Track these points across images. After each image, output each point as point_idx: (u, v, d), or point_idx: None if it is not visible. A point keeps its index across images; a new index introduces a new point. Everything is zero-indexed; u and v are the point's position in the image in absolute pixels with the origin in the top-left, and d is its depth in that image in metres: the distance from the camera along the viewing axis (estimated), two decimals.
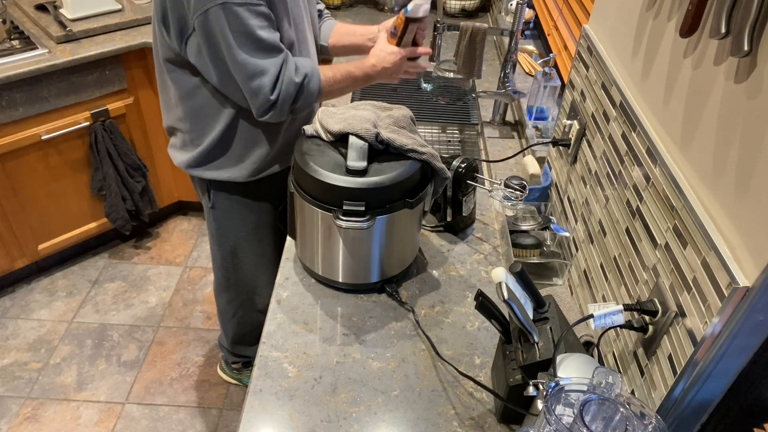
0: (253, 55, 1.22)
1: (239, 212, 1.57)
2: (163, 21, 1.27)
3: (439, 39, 1.75)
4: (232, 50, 1.21)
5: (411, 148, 1.15)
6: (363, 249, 1.19)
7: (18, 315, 2.37)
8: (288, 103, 1.29)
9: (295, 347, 1.14)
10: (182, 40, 1.26)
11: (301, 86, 1.29)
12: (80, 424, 2.01)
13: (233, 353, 1.98)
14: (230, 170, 1.46)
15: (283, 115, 1.31)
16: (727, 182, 0.77)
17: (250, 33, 1.20)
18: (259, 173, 1.49)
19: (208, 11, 1.17)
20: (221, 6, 1.17)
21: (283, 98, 1.27)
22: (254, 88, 1.25)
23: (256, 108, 1.29)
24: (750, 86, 0.73)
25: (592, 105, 1.25)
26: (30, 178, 2.20)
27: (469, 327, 1.20)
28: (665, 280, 0.88)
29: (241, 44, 1.21)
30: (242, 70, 1.23)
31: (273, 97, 1.26)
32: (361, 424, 1.01)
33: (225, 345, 1.96)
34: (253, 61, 1.23)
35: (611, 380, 0.72)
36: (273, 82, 1.25)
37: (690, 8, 0.82)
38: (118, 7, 2.31)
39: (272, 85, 1.25)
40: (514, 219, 1.41)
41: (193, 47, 1.26)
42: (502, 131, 1.86)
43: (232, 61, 1.23)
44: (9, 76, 1.93)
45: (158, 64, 1.39)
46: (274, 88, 1.26)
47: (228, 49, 1.21)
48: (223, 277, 1.72)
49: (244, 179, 1.48)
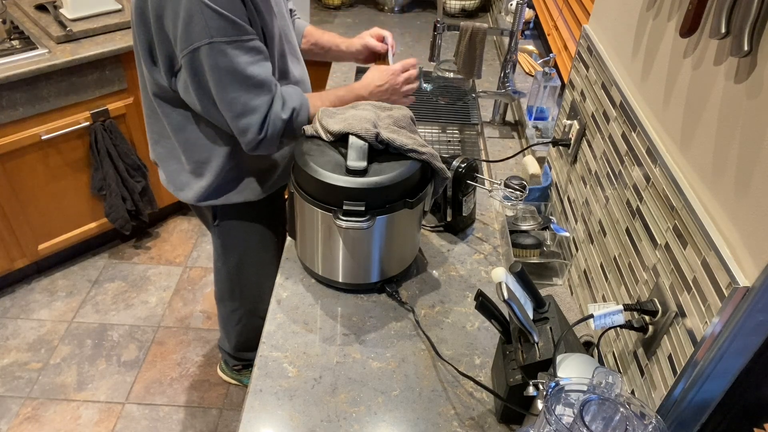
0: (241, 93, 1.20)
1: (244, 227, 1.55)
2: (150, 56, 1.24)
3: (439, 39, 1.75)
4: (220, 88, 1.19)
5: (411, 148, 1.15)
6: (363, 249, 1.19)
7: (18, 315, 2.37)
8: (276, 137, 1.27)
9: (295, 347, 1.14)
10: (171, 74, 1.24)
11: (289, 121, 1.27)
12: (80, 424, 2.01)
13: (235, 357, 1.98)
14: (242, 193, 1.45)
15: (273, 149, 1.30)
16: (727, 182, 0.77)
17: (239, 71, 1.17)
18: (270, 189, 1.48)
19: (196, 50, 1.14)
20: (209, 45, 1.13)
21: (271, 134, 1.25)
22: (243, 126, 1.23)
23: (245, 144, 1.27)
24: (750, 86, 0.73)
25: (592, 105, 1.25)
26: (30, 178, 2.20)
27: (469, 327, 1.20)
28: (665, 280, 0.88)
29: (230, 82, 1.18)
30: (231, 108, 1.21)
31: (261, 135, 1.25)
32: (361, 424, 1.01)
33: (226, 349, 1.95)
34: (242, 99, 1.20)
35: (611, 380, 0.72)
36: (261, 120, 1.23)
37: (690, 8, 0.82)
38: (118, 7, 2.31)
39: (260, 123, 1.23)
40: (514, 219, 1.41)
41: (181, 82, 1.24)
42: (502, 131, 1.86)
43: (220, 99, 1.21)
44: (9, 76, 1.93)
45: (146, 98, 1.36)
46: (262, 127, 1.24)
47: (216, 87, 1.19)
48: (227, 289, 1.71)
49: (257, 198, 1.46)
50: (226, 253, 1.61)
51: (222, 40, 1.14)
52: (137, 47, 1.25)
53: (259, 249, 1.61)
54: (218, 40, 1.13)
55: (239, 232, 1.56)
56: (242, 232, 1.56)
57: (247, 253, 1.61)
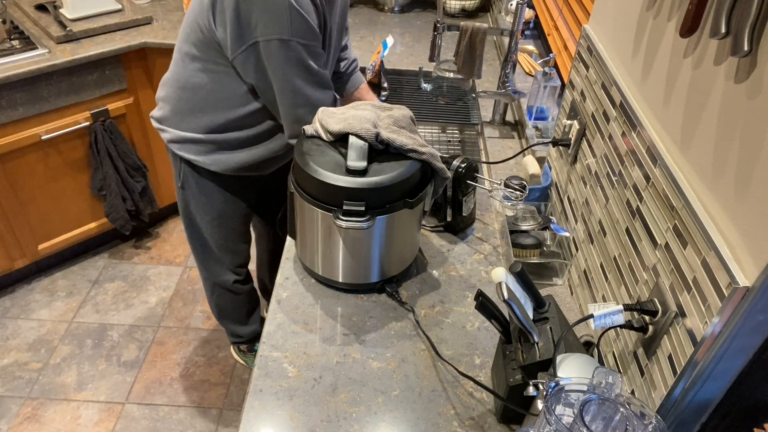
0: (307, 86, 1.30)
1: (205, 197, 1.61)
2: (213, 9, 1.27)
3: (439, 39, 1.75)
4: (286, 79, 1.28)
5: (411, 148, 1.15)
6: (363, 249, 1.19)
7: (18, 315, 2.37)
8: None
9: (295, 347, 1.14)
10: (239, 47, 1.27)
11: None
12: (80, 424, 2.01)
13: (227, 332, 2.06)
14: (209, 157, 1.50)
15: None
16: (727, 182, 0.77)
17: (308, 66, 1.28)
18: (237, 171, 1.53)
19: (270, 41, 1.23)
20: (284, 41, 1.22)
21: None
22: (299, 115, 1.33)
23: (291, 131, 1.37)
24: (750, 86, 0.73)
25: (592, 105, 1.25)
26: (30, 178, 2.20)
27: (469, 327, 1.20)
28: (665, 280, 0.88)
29: (297, 74, 1.28)
30: (294, 97, 1.30)
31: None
32: (361, 424, 1.01)
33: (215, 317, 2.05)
34: (307, 92, 1.30)
35: (611, 380, 0.72)
36: None
37: (690, 8, 0.82)
38: (118, 7, 2.31)
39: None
40: (514, 219, 1.41)
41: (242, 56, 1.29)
42: (502, 131, 1.87)
43: (282, 88, 1.29)
44: (9, 76, 1.93)
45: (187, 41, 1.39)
46: None
47: (283, 77, 1.28)
48: (195, 256, 1.81)
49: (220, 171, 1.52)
50: (186, 217, 1.69)
51: (299, 41, 1.24)
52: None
53: (216, 225, 1.68)
54: (296, 40, 1.23)
55: (200, 201, 1.62)
56: (203, 202, 1.62)
57: (206, 223, 1.68)
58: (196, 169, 1.55)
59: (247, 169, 1.53)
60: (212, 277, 1.84)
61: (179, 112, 1.46)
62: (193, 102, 1.43)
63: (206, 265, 1.81)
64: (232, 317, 1.98)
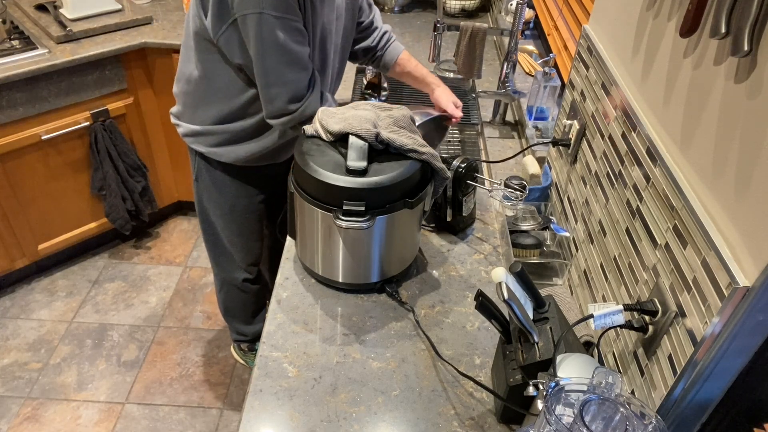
0: (278, 64, 1.28)
1: (218, 190, 1.62)
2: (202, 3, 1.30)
3: (439, 39, 1.75)
4: (260, 56, 1.26)
5: (411, 148, 1.15)
6: (363, 249, 1.19)
7: (18, 315, 2.37)
8: (300, 120, 1.34)
9: (295, 347, 1.14)
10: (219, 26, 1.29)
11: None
12: (80, 424, 2.01)
13: (231, 329, 2.06)
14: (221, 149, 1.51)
15: (288, 126, 1.36)
16: (727, 182, 0.77)
17: (280, 44, 1.25)
18: (245, 162, 1.54)
19: (246, 16, 1.22)
20: (258, 15, 1.21)
21: (300, 113, 1.33)
22: (272, 94, 1.31)
23: (267, 112, 1.35)
24: (750, 86, 0.73)
25: (592, 105, 1.25)
26: (30, 178, 2.20)
27: (469, 327, 1.20)
28: (665, 280, 0.88)
29: (269, 53, 1.26)
30: (265, 75, 1.29)
31: (293, 107, 1.32)
32: (361, 424, 1.01)
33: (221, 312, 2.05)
34: (278, 70, 1.28)
35: (611, 380, 0.72)
36: (292, 94, 1.30)
37: (690, 8, 0.82)
38: (118, 7, 2.31)
39: (290, 96, 1.30)
40: (514, 219, 1.41)
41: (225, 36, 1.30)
42: (502, 131, 1.86)
43: (257, 66, 1.28)
44: (9, 76, 1.93)
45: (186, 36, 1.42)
46: (292, 101, 1.31)
47: (257, 54, 1.27)
48: (207, 250, 1.82)
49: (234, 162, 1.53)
50: (201, 209, 1.70)
51: (272, 13, 1.22)
52: None
53: (228, 219, 1.68)
54: (268, 12, 1.21)
55: (212, 194, 1.64)
56: (215, 196, 1.64)
57: (218, 218, 1.69)
58: (209, 162, 1.56)
59: (258, 158, 1.53)
60: (222, 273, 1.85)
61: (189, 106, 1.49)
62: (197, 95, 1.45)
63: (217, 261, 1.82)
64: (238, 315, 1.99)
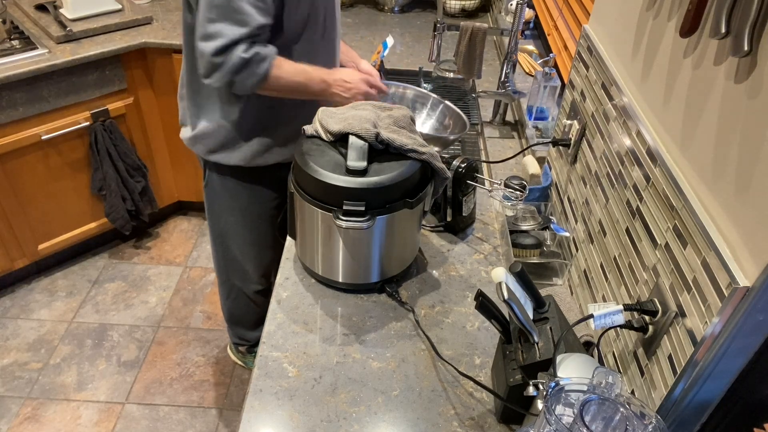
0: (218, 18, 1.24)
1: (229, 195, 1.60)
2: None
3: (439, 39, 1.75)
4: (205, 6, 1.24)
5: (411, 148, 1.15)
6: (363, 249, 1.19)
7: (18, 315, 2.37)
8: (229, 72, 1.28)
9: (295, 347, 1.14)
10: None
11: (249, 61, 1.28)
12: (80, 424, 2.01)
13: (233, 333, 2.04)
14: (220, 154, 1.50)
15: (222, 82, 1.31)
16: (727, 182, 0.77)
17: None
18: (250, 162, 1.52)
19: None
20: None
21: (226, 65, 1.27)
22: (201, 48, 1.27)
23: (201, 68, 1.31)
24: (750, 86, 0.73)
25: (592, 105, 1.25)
26: (30, 178, 2.20)
27: (469, 327, 1.20)
28: (665, 280, 0.88)
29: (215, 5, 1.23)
30: (203, 26, 1.26)
31: (217, 60, 1.27)
32: (361, 424, 1.01)
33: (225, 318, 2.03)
34: (216, 24, 1.24)
35: (611, 380, 0.72)
36: (221, 46, 1.25)
37: (690, 8, 0.82)
38: (118, 7, 2.31)
39: (218, 49, 1.25)
40: (514, 219, 1.41)
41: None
42: (502, 131, 1.86)
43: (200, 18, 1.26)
44: (9, 76, 1.93)
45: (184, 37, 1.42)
46: (220, 53, 1.26)
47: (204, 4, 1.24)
48: (216, 258, 1.79)
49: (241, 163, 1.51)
50: (211, 216, 1.67)
51: None
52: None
53: (241, 225, 1.65)
54: None
55: (224, 200, 1.61)
56: (226, 201, 1.61)
57: (230, 224, 1.66)
58: (218, 166, 1.54)
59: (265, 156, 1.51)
60: (230, 283, 1.80)
61: (189, 109, 1.49)
62: (194, 98, 1.44)
63: (227, 271, 1.77)
64: (244, 323, 1.97)
